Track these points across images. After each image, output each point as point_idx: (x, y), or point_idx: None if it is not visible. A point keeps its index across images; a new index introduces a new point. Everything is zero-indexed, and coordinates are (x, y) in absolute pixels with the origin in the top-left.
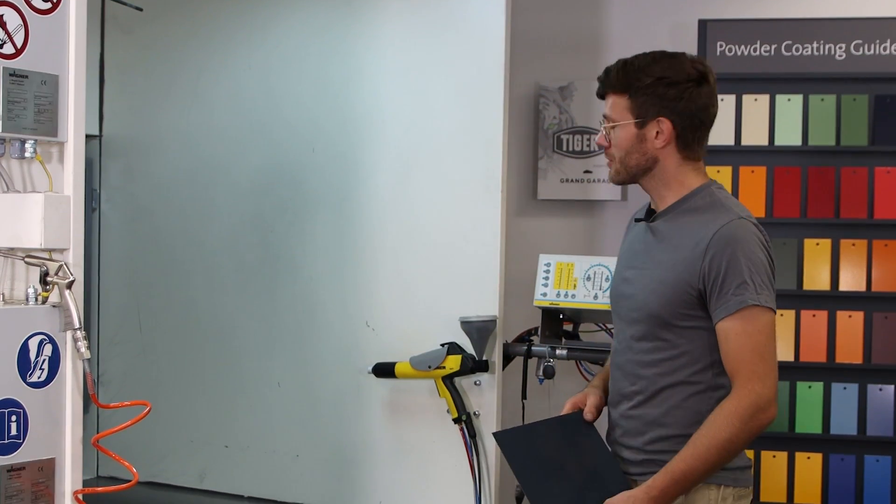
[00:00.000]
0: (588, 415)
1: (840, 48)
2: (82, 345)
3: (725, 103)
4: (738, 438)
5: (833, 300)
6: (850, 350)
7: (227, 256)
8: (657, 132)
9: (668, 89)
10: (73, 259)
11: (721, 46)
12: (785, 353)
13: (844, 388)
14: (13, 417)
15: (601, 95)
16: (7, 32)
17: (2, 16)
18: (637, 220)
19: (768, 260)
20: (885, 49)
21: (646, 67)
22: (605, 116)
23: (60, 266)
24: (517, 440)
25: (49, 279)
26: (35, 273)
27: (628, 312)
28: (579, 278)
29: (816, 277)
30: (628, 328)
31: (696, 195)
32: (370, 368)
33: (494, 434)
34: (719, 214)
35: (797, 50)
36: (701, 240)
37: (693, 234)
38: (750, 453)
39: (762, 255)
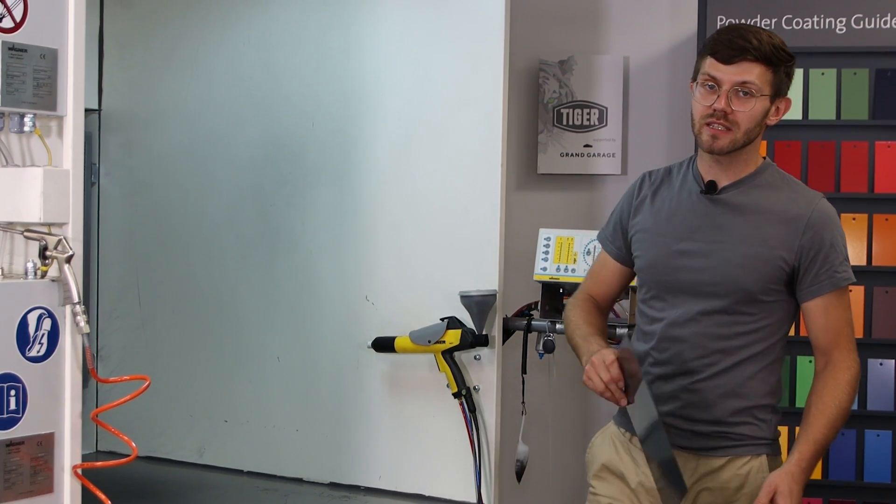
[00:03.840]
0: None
1: (840, 22)
2: (81, 319)
3: None
4: (851, 405)
5: None
6: None
7: (227, 230)
8: (776, 109)
9: (791, 71)
10: (73, 233)
11: (721, 20)
12: None
13: None
14: (12, 392)
15: (727, 60)
16: (6, 6)
17: None
18: (701, 191)
19: None
20: (885, 23)
21: (783, 45)
22: (742, 83)
23: (59, 240)
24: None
25: (48, 253)
26: (34, 247)
27: (699, 287)
28: (579, 253)
29: None
30: (696, 302)
31: (766, 170)
32: (370, 343)
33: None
34: (805, 191)
35: (797, 24)
36: (797, 217)
37: (783, 209)
38: None
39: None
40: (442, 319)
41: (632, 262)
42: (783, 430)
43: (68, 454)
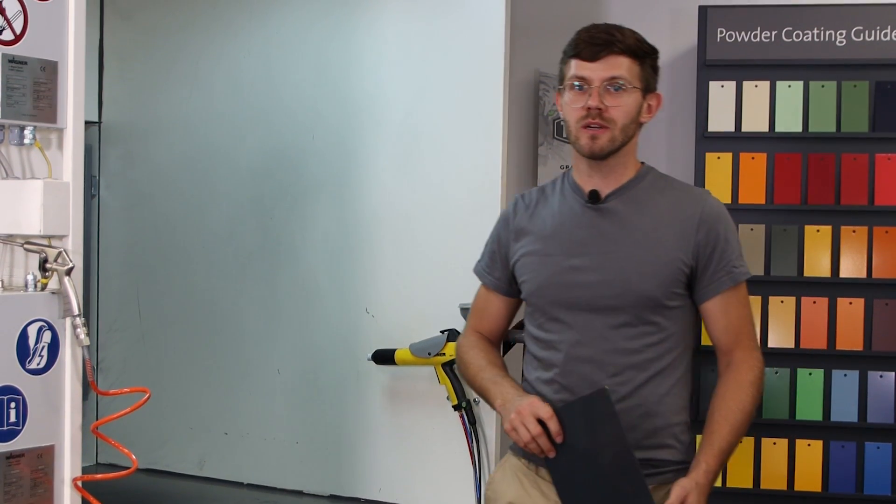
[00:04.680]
0: (559, 437)
1: (841, 34)
2: (81, 331)
3: (726, 89)
4: (755, 406)
5: (834, 287)
6: (851, 337)
7: (227, 243)
8: (649, 105)
9: (657, 65)
10: (73, 246)
11: (721, 32)
12: (785, 339)
13: (845, 375)
14: (12, 404)
15: (593, 57)
16: (6, 19)
17: (1, 2)
18: (586, 202)
19: None
20: (885, 35)
21: (644, 39)
22: (612, 78)
23: (60, 253)
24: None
25: (48, 266)
26: (34, 260)
27: (599, 301)
28: None
29: (817, 264)
30: (598, 318)
31: (647, 174)
32: (370, 355)
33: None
34: (690, 190)
35: (798, 36)
36: (689, 216)
37: (673, 210)
38: (750, 440)
39: None
40: (442, 332)
41: (516, 292)
42: (782, 442)
43: (68, 466)
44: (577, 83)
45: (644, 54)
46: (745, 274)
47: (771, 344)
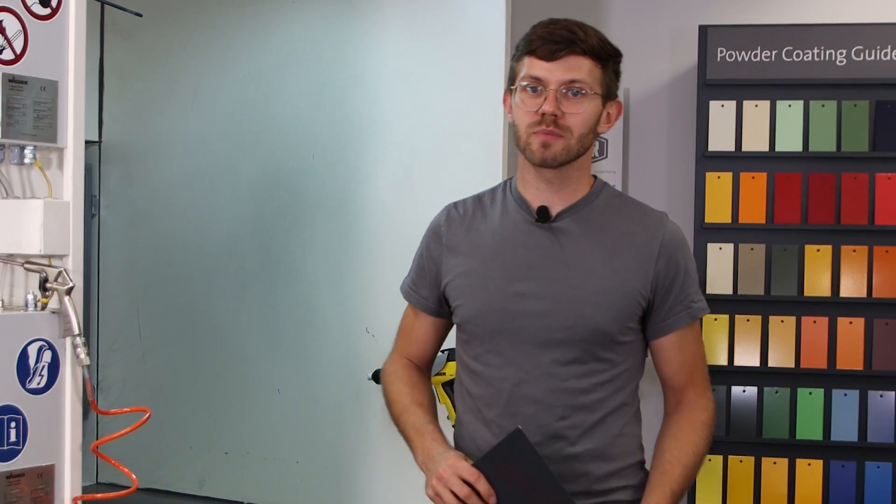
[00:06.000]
0: (492, 499)
1: (841, 54)
2: (82, 351)
3: (726, 109)
4: (707, 450)
5: (834, 306)
6: (851, 356)
7: (227, 262)
8: (608, 114)
9: (619, 69)
10: (73, 265)
11: (721, 52)
12: (785, 359)
13: (845, 395)
14: (12, 424)
15: (551, 56)
16: (6, 38)
17: (1, 21)
18: (535, 220)
19: None
20: (885, 55)
21: (608, 40)
22: (571, 82)
23: (60, 272)
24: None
25: (48, 285)
26: (34, 279)
27: (547, 333)
28: None
29: (817, 284)
30: (545, 352)
31: (602, 191)
32: (370, 375)
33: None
34: (648, 211)
35: (798, 56)
36: (648, 242)
37: (630, 234)
38: (750, 460)
39: None
40: (442, 351)
41: (447, 313)
42: (782, 462)
43: (69, 486)
44: (531, 85)
45: (607, 56)
46: (704, 310)
47: (771, 363)
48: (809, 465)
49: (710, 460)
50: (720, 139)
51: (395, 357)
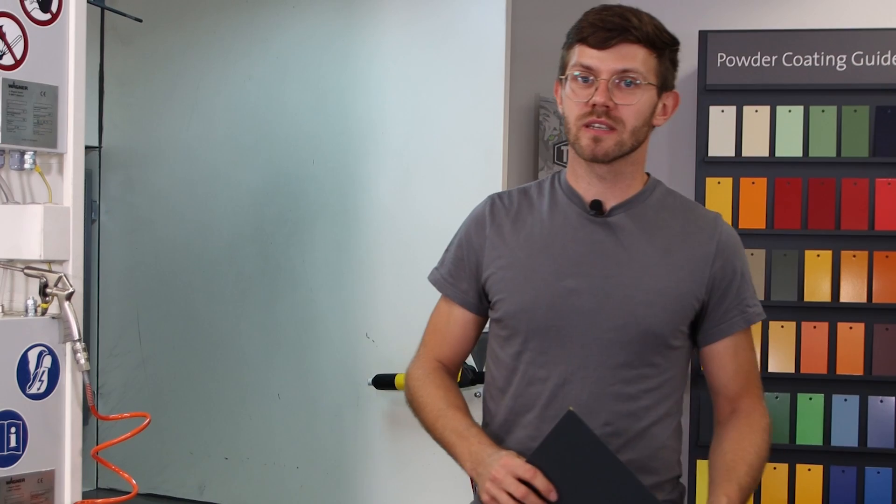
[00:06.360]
0: (553, 495)
1: (841, 59)
2: (82, 356)
3: (726, 114)
4: (768, 458)
5: (834, 312)
6: (851, 362)
7: (227, 268)
8: (664, 106)
9: (676, 59)
10: (73, 270)
11: (722, 57)
12: (785, 364)
13: (845, 400)
14: (12, 429)
15: (603, 44)
16: (6, 43)
17: (1, 27)
18: (591, 212)
19: None
20: (885, 60)
21: (664, 27)
22: (624, 71)
23: (60, 277)
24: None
25: (48, 291)
26: (34, 284)
27: (596, 332)
28: None
29: (817, 289)
30: (591, 355)
31: (656, 188)
32: (370, 380)
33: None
34: (703, 212)
35: (798, 61)
36: (703, 242)
37: (685, 234)
38: None
39: None
40: None
41: (484, 309)
42: (782, 467)
43: (69, 491)
44: (582, 74)
45: (663, 45)
46: (760, 315)
47: (771, 369)
48: (809, 470)
49: None
50: (720, 144)
51: (423, 360)
